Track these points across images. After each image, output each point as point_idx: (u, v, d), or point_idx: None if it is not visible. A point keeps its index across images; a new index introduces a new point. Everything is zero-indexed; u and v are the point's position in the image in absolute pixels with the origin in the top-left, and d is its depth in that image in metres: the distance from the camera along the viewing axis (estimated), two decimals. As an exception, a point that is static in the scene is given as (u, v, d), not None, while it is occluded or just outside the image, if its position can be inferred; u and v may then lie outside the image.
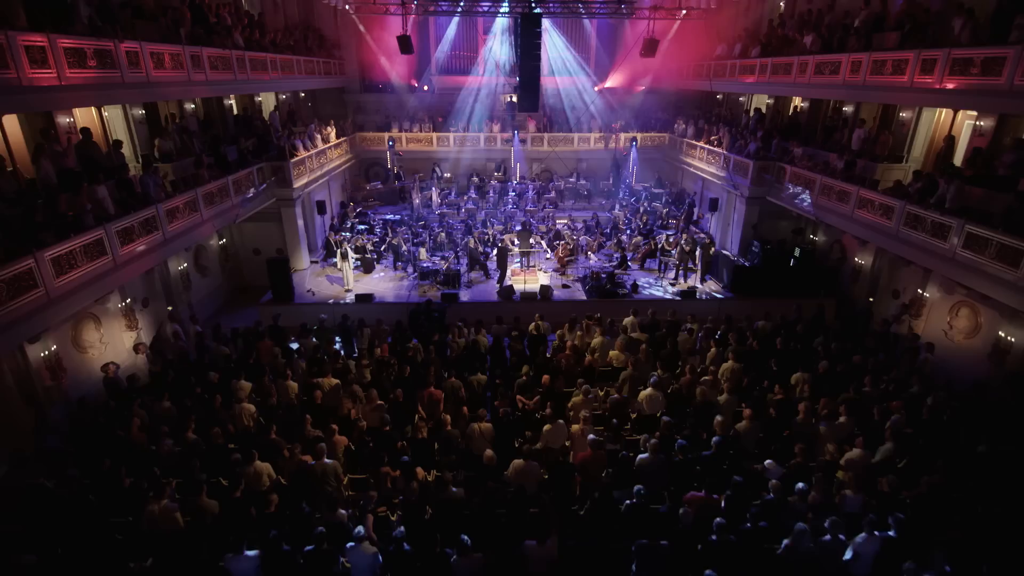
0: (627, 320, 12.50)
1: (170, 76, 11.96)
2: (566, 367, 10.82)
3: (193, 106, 15.63)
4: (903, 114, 14.78)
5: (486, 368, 11.01)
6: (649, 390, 9.56)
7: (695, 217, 20.55)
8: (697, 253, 16.22)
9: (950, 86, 11.15)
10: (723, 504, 7.15)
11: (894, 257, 13.37)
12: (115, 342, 11.89)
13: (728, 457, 8.06)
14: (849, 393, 9.52)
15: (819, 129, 16.60)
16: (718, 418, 8.71)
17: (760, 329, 12.50)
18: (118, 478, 7.59)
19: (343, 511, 7.12)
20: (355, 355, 12.45)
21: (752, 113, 20.10)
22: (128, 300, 12.35)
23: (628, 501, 7.00)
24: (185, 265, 14.45)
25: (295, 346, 11.78)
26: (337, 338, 12.66)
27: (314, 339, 11.93)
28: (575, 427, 8.77)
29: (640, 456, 7.88)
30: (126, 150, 13.01)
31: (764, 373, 10.61)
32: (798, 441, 8.22)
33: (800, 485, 7.26)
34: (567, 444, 8.84)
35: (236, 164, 14.84)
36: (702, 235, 19.90)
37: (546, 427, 8.72)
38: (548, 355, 11.36)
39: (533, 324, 12.18)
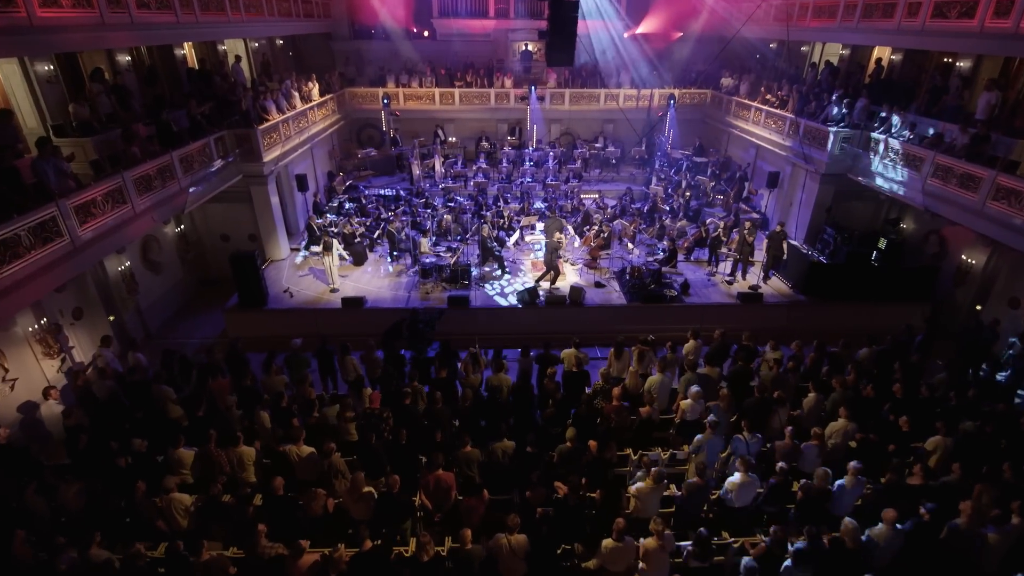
0: (688, 346, 9.68)
1: (71, 17, 8.66)
2: (617, 421, 8.09)
3: (130, 58, 12.28)
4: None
5: (510, 420, 8.24)
6: (741, 476, 6.81)
7: (745, 194, 17.36)
8: (762, 243, 13.22)
9: None
10: None
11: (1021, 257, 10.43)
12: (29, 376, 9.14)
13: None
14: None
15: (924, 90, 13.23)
16: (848, 523, 6.04)
17: (862, 361, 9.69)
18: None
19: None
20: (335, 392, 9.79)
21: (822, 67, 16.57)
22: (44, 320, 9.52)
23: None
24: (127, 264, 11.51)
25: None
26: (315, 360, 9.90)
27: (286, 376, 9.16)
28: (649, 543, 6.06)
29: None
30: (32, 120, 9.89)
31: (886, 432, 7.87)
32: (958, 550, 5.59)
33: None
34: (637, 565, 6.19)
35: (188, 134, 11.66)
36: (754, 215, 16.79)
37: (607, 544, 6.03)
38: (591, 399, 8.58)
39: (571, 352, 9.33)
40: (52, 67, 10.21)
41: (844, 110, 13.69)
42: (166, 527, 6.57)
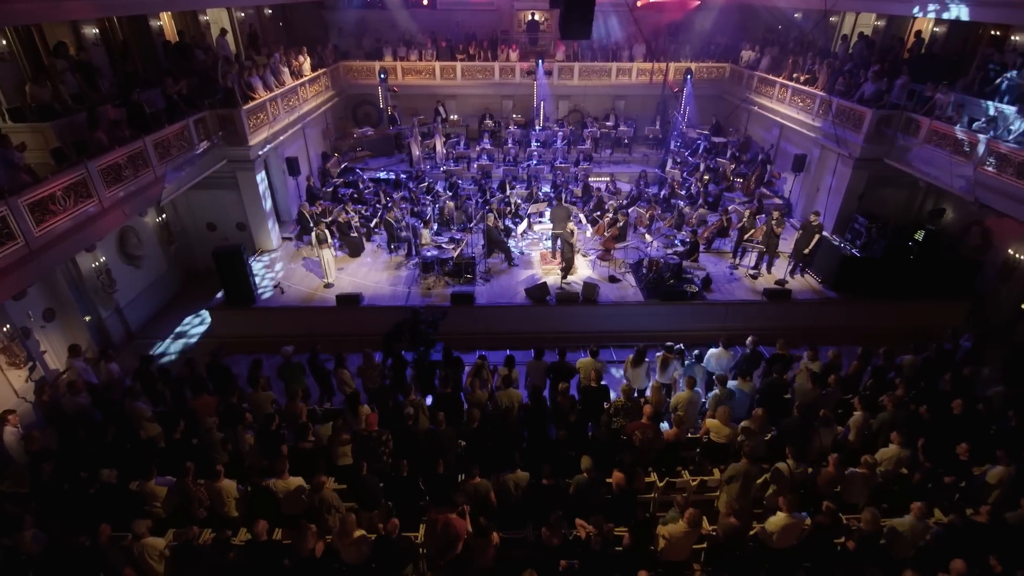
0: (714, 353, 8.81)
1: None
2: (641, 444, 7.26)
3: (98, 31, 11.11)
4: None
5: (522, 444, 7.41)
6: (783, 516, 5.99)
7: (767, 177, 16.27)
8: (792, 235, 12.24)
9: None
10: None
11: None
12: (-10, 389, 8.32)
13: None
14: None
15: (973, 67, 12.03)
16: (911, 577, 5.26)
17: (906, 367, 8.82)
18: None
19: None
20: (328, 405, 8.98)
21: (855, 40, 15.28)
22: (7, 327, 8.65)
23: None
24: (103, 260, 10.57)
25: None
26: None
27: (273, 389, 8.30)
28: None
29: None
30: (-18, 102, 8.85)
31: (941, 458, 7.05)
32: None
33: None
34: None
35: (164, 116, 10.60)
36: (776, 200, 15.75)
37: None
38: (610, 419, 7.75)
39: (588, 362, 8.45)
40: (6, 42, 9.10)
41: (882, 88, 12.52)
42: (136, 576, 5.81)
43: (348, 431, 7.39)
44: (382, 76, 18.03)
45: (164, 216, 12.64)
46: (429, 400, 8.91)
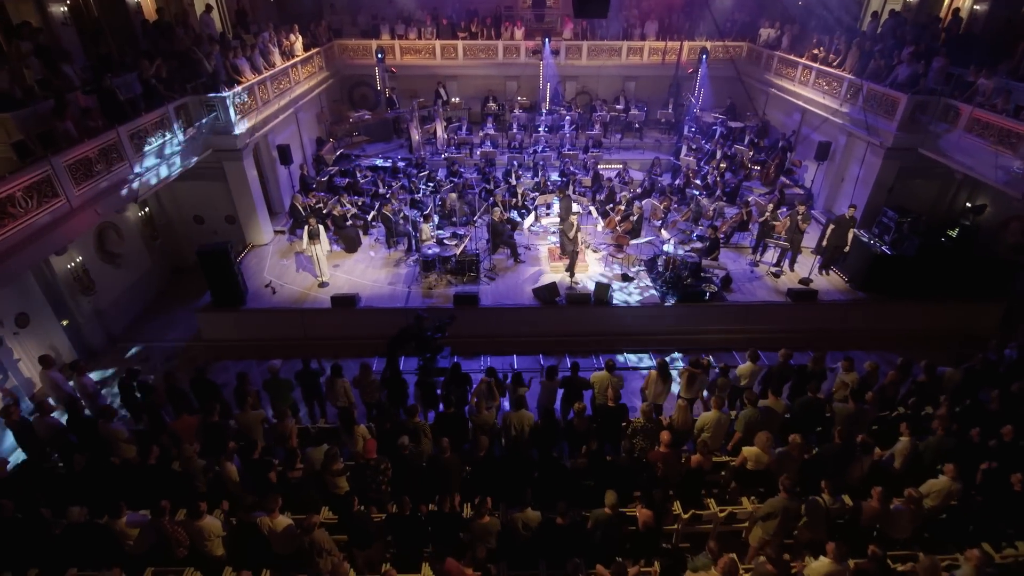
0: (744, 369, 8.11)
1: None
2: (663, 471, 6.62)
3: (66, 8, 10.18)
4: None
5: (533, 474, 6.74)
6: (827, 563, 5.34)
7: (787, 165, 15.39)
8: (819, 230, 11.46)
9: None
10: None
11: None
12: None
13: None
14: None
15: (1021, 50, 11.05)
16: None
17: (947, 380, 8.14)
18: None
19: None
20: (323, 421, 8.32)
21: (885, 17, 14.26)
22: (-31, 337, 7.94)
23: None
24: (79, 260, 9.81)
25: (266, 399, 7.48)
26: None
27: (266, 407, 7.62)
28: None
29: None
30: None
31: (992, 488, 6.40)
32: None
33: None
34: None
35: (142, 101, 9.75)
36: (797, 189, 14.91)
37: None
38: (631, 441, 7.10)
39: (604, 376, 7.76)
40: (-41, 21, 8.23)
41: (919, 71, 11.60)
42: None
43: (343, 453, 6.76)
44: (379, 56, 17.04)
45: (147, 210, 11.84)
46: (432, 416, 8.36)
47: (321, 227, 10.99)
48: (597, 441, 6.72)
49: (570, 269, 11.31)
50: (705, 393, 8.08)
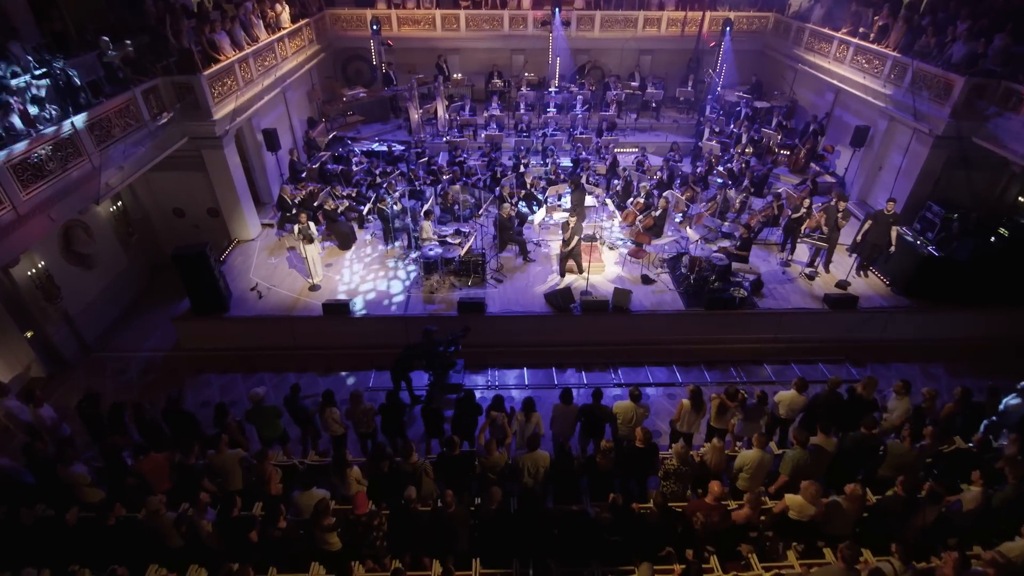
0: (784, 397, 7.21)
1: None
2: (704, 529, 5.75)
3: (14, -24, 8.93)
4: None
5: (554, 531, 5.87)
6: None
7: (819, 150, 14.20)
8: (855, 225, 10.40)
9: None
10: None
11: None
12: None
13: None
14: None
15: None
16: None
17: (1012, 412, 7.21)
18: None
19: None
20: (312, 455, 7.43)
21: (933, -15, 12.87)
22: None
23: None
24: (41, 265, 8.80)
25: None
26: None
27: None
28: None
29: None
30: None
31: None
32: None
33: None
34: None
35: (106, 86, 8.60)
36: (828, 177, 13.77)
37: None
38: (661, 480, 6.24)
39: (628, 406, 6.86)
40: None
41: (977, 50, 10.36)
42: None
43: (335, 496, 5.93)
44: (374, 27, 15.68)
45: (121, 204, 10.78)
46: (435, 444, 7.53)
47: (312, 224, 9.94)
48: (623, 495, 5.85)
49: (577, 269, 10.38)
50: (737, 426, 7.22)
